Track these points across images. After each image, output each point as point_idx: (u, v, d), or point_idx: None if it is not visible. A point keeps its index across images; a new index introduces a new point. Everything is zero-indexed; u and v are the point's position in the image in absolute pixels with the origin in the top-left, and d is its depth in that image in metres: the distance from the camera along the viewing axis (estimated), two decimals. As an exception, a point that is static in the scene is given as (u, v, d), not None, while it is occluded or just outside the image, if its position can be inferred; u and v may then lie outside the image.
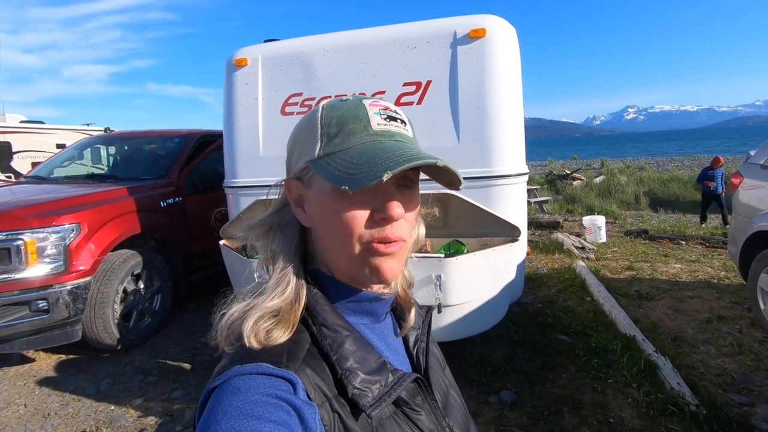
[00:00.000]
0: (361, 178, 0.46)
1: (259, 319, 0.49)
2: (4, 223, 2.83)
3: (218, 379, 0.45)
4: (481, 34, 2.35)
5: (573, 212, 9.98)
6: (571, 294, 4.22)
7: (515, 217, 2.57)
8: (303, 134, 0.54)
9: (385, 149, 0.49)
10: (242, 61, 2.70)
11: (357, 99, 0.54)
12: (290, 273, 0.53)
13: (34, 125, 10.07)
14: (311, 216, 0.54)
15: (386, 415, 0.51)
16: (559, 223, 7.90)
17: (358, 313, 0.56)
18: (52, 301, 2.89)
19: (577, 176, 15.76)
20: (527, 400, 2.56)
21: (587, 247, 5.79)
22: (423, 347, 0.64)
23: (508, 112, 2.45)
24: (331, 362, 0.49)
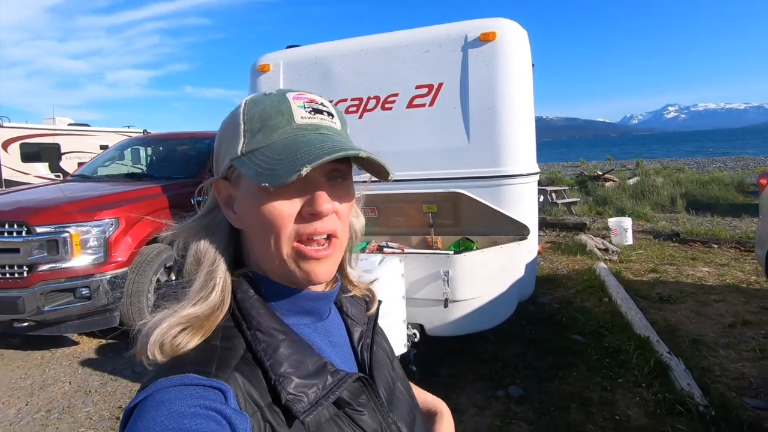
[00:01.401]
0: (282, 174, 0.44)
1: (170, 328, 0.46)
2: (53, 217, 3.13)
3: (141, 394, 0.42)
4: (491, 37, 2.42)
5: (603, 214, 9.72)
6: (589, 295, 4.19)
7: (525, 216, 2.62)
8: (227, 132, 0.52)
9: (306, 143, 0.47)
10: (265, 67, 2.88)
11: (280, 92, 0.52)
12: (216, 277, 0.50)
13: (80, 128, 10.77)
14: (241, 216, 0.52)
15: (325, 418, 0.49)
16: (586, 224, 7.74)
17: (297, 314, 0.54)
18: (94, 289, 3.17)
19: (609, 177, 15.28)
20: (535, 395, 2.61)
21: (611, 249, 5.67)
22: (367, 343, 0.61)
23: (518, 112, 2.51)
24: (264, 368, 0.47)
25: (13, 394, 2.91)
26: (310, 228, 0.49)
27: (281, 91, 0.52)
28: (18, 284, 3.07)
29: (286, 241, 0.49)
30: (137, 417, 0.39)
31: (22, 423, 2.59)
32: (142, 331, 0.47)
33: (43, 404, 2.78)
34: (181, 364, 0.44)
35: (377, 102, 2.67)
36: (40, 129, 10.00)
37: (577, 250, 5.78)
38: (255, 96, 0.52)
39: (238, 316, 0.50)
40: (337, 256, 0.53)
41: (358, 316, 0.63)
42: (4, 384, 3.03)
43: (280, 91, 0.53)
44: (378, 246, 2.77)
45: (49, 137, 9.94)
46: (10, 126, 9.39)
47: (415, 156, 2.64)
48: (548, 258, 5.68)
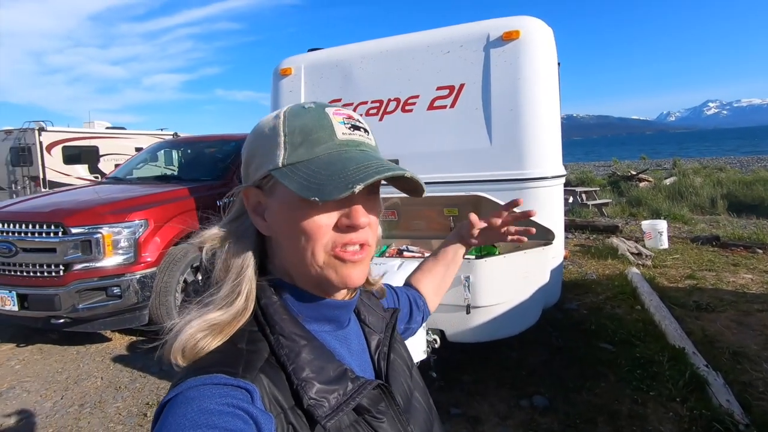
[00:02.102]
0: (332, 190, 0.46)
1: (194, 335, 0.48)
2: (87, 218, 3.26)
3: (172, 392, 0.43)
4: (515, 36, 2.35)
5: (636, 216, 9.33)
6: (620, 302, 4.02)
7: (550, 220, 2.53)
8: (263, 141, 0.53)
9: (352, 159, 0.49)
10: (287, 70, 2.90)
11: (320, 107, 0.54)
12: (242, 284, 0.51)
13: (116, 131, 11.27)
14: (272, 224, 0.53)
15: (346, 424, 0.50)
16: (618, 227, 7.45)
17: (319, 321, 0.56)
18: (124, 288, 3.28)
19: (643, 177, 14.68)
20: (560, 406, 2.52)
21: (644, 253, 5.43)
22: (385, 351, 0.63)
23: (543, 113, 2.42)
24: (287, 372, 0.48)
25: (50, 387, 3.05)
26: (346, 238, 0.51)
27: (320, 105, 0.54)
28: (55, 282, 3.22)
29: (322, 249, 0.50)
30: (168, 413, 0.41)
31: (56, 416, 2.71)
32: (170, 334, 0.50)
33: (77, 398, 2.90)
34: (209, 365, 0.46)
35: (398, 104, 2.64)
36: (80, 132, 10.52)
37: (608, 254, 5.56)
38: (294, 108, 0.53)
39: (262, 321, 0.51)
40: (368, 262, 0.55)
41: (376, 324, 0.65)
42: (42, 377, 3.19)
43: (319, 105, 0.54)
44: (398, 250, 2.74)
45: (88, 140, 10.44)
46: (53, 130, 9.91)
47: (436, 158, 2.60)
48: (577, 262, 5.50)
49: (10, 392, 2.99)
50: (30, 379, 3.17)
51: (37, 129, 9.58)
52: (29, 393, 2.98)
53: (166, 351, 0.49)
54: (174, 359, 0.48)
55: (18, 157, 9.70)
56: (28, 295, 3.26)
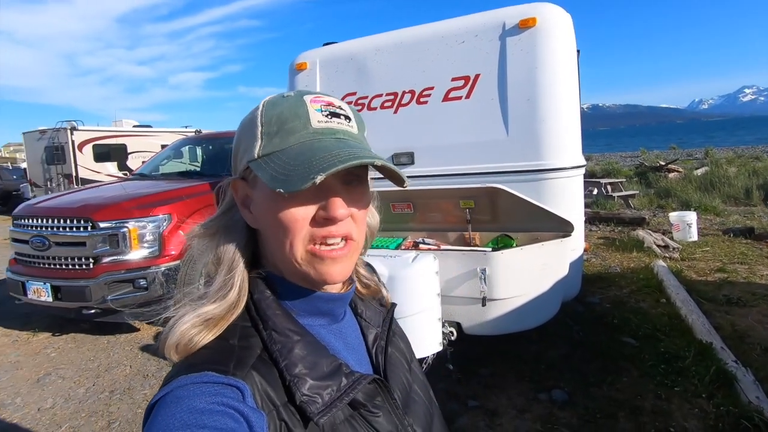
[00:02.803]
0: (295, 181, 0.44)
1: (188, 330, 0.47)
2: (114, 213, 3.39)
3: (162, 391, 0.43)
4: (531, 23, 2.29)
5: (665, 208, 9.01)
6: (645, 295, 3.90)
7: (569, 211, 2.47)
8: (245, 133, 0.52)
9: (322, 149, 0.47)
10: (302, 65, 2.92)
11: (299, 94, 0.52)
12: (234, 277, 0.51)
13: (143, 129, 11.62)
14: (257, 217, 0.52)
15: (341, 419, 0.49)
16: (645, 219, 7.22)
17: (313, 315, 0.55)
18: (150, 280, 3.40)
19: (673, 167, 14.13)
20: (580, 400, 2.48)
21: (671, 245, 5.24)
22: (382, 345, 0.62)
23: (561, 102, 2.37)
24: (279, 368, 0.47)
25: (83, 374, 3.20)
26: (324, 232, 0.49)
27: (299, 93, 0.52)
28: (85, 275, 3.37)
29: (301, 243, 0.49)
30: (158, 412, 0.40)
31: (89, 401, 2.85)
32: (165, 328, 0.49)
33: (108, 385, 3.04)
34: (200, 363, 0.45)
35: (412, 96, 2.63)
36: (109, 131, 10.90)
37: (633, 246, 5.40)
38: (273, 98, 0.52)
39: (254, 316, 0.50)
40: (353, 258, 0.53)
41: (373, 318, 0.64)
42: (75, 365, 3.35)
43: (298, 92, 0.52)
44: (414, 242, 2.74)
45: (117, 138, 10.81)
46: (84, 129, 10.31)
47: (452, 150, 2.57)
48: (600, 255, 5.37)
49: (46, 378, 3.16)
50: (65, 366, 3.33)
51: (69, 128, 9.99)
52: (64, 379, 3.14)
53: (161, 346, 0.48)
54: (168, 354, 0.47)
55: (52, 156, 10.14)
56: (61, 286, 3.43)
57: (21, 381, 3.14)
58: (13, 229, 3.75)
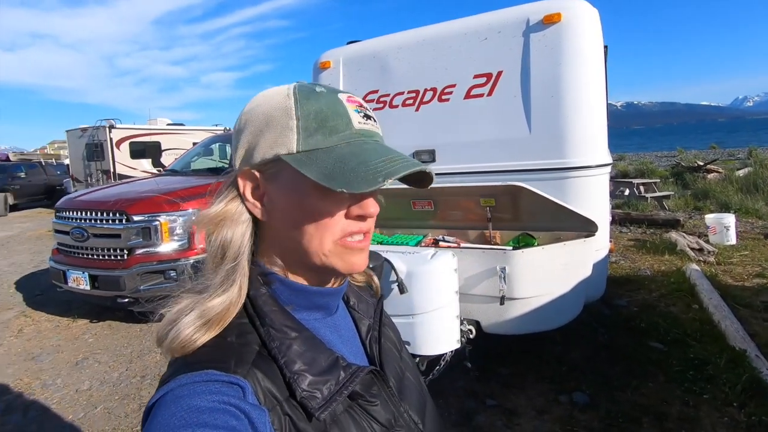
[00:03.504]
0: (360, 182, 0.45)
1: (187, 326, 0.46)
2: (147, 207, 3.55)
3: (161, 391, 0.42)
4: (556, 19, 2.25)
5: (702, 210, 8.62)
6: (675, 299, 3.76)
7: (593, 211, 2.42)
8: (269, 123, 0.50)
9: (374, 152, 0.49)
10: (326, 64, 2.97)
11: (331, 91, 0.52)
12: (237, 270, 0.50)
13: (176, 127, 12.05)
14: (272, 210, 0.52)
15: (340, 411, 0.50)
16: (680, 221, 6.93)
17: (308, 309, 0.55)
18: (179, 272, 3.55)
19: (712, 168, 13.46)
20: (602, 404, 2.43)
21: (707, 249, 5.02)
22: (375, 335, 0.63)
23: (586, 100, 2.31)
24: (279, 365, 0.48)
25: (117, 359, 3.38)
26: (356, 228, 0.51)
27: (332, 90, 0.52)
28: (120, 265, 3.55)
29: (330, 237, 0.50)
30: (158, 412, 0.40)
31: (122, 385, 3.00)
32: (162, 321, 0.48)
33: (139, 370, 3.19)
34: (199, 361, 0.45)
35: (434, 94, 2.62)
36: (145, 129, 11.36)
37: (665, 249, 5.20)
38: (304, 88, 0.51)
39: (251, 313, 0.50)
40: (368, 249, 0.55)
41: (365, 309, 0.65)
42: (110, 350, 3.53)
43: (331, 89, 0.52)
44: (434, 240, 2.74)
45: (152, 136, 11.25)
46: (121, 127, 10.78)
47: (473, 148, 2.56)
48: (629, 257, 5.20)
49: (84, 362, 3.35)
50: (101, 351, 3.52)
51: (108, 126, 10.47)
52: (100, 364, 3.32)
53: (157, 342, 0.48)
54: (166, 351, 0.47)
55: (92, 153, 10.67)
56: (98, 276, 3.62)
57: (61, 363, 3.35)
58: (56, 221, 3.99)
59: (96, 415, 2.66)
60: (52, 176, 14.77)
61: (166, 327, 0.47)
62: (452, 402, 2.55)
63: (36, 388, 3.01)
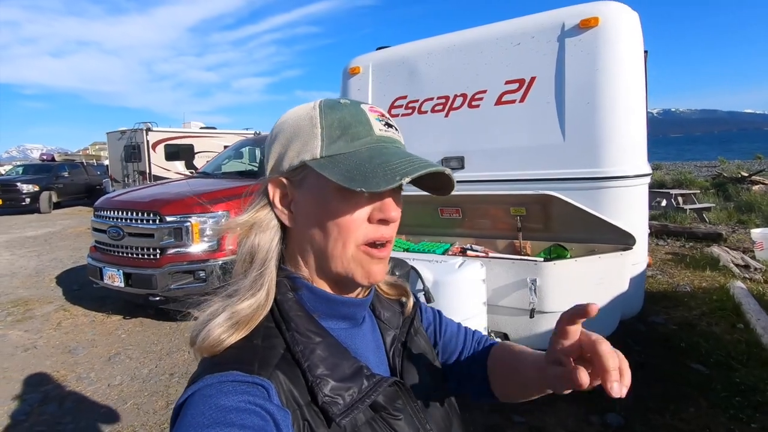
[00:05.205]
0: (378, 181, 0.46)
1: (217, 326, 0.48)
2: (179, 208, 3.65)
3: (190, 389, 0.44)
4: (593, 23, 2.17)
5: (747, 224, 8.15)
6: (718, 318, 3.55)
7: (630, 223, 2.31)
8: (298, 132, 0.52)
9: (394, 155, 0.50)
10: (355, 69, 2.98)
11: (354, 103, 0.54)
12: (265, 275, 0.52)
13: (208, 131, 12.44)
14: (299, 216, 0.53)
15: (362, 421, 0.50)
16: (722, 235, 6.57)
17: (334, 318, 0.55)
18: (208, 273, 3.62)
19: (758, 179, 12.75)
20: (637, 427, 2.30)
21: (753, 265, 4.72)
22: (399, 348, 0.62)
23: (624, 106, 2.21)
24: (302, 369, 0.48)
25: (147, 356, 3.47)
26: (377, 233, 0.52)
27: (355, 102, 0.54)
28: (152, 264, 3.65)
29: (353, 243, 0.51)
30: (186, 411, 0.42)
31: (151, 381, 3.07)
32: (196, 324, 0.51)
33: (168, 368, 3.27)
34: (225, 362, 0.46)
35: (464, 100, 2.58)
36: (179, 132, 11.78)
37: (707, 264, 4.93)
38: (329, 102, 0.54)
39: (277, 317, 0.52)
40: (388, 261, 0.55)
41: (392, 320, 0.64)
42: (141, 347, 3.63)
43: (353, 101, 0.54)
44: (461, 248, 2.69)
45: (185, 139, 11.65)
46: (157, 130, 11.22)
47: (504, 155, 2.49)
48: (667, 272, 4.95)
49: (116, 357, 3.46)
50: (132, 347, 3.63)
51: (145, 129, 10.91)
52: (131, 359, 3.42)
53: (190, 342, 0.50)
54: (196, 352, 0.49)
55: (130, 154, 11.14)
56: (132, 273, 3.74)
57: (95, 357, 3.47)
58: (94, 219, 4.15)
59: (126, 410, 2.73)
60: (92, 176, 15.51)
61: (198, 328, 0.50)
62: (477, 417, 2.47)
63: (71, 380, 3.13)
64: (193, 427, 0.39)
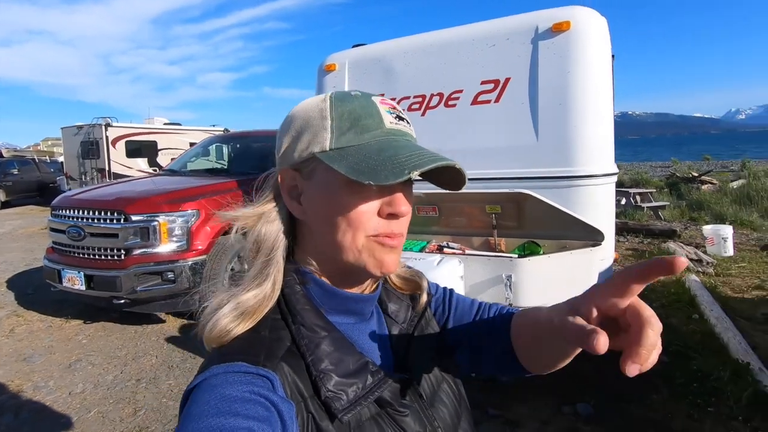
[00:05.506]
0: (387, 174, 0.45)
1: (223, 317, 0.48)
2: (146, 207, 3.50)
3: (197, 379, 0.45)
4: (565, 27, 2.25)
5: (698, 221, 8.68)
6: (675, 311, 3.76)
7: (599, 220, 2.41)
8: (307, 124, 0.52)
9: (404, 147, 0.49)
10: (331, 66, 2.95)
11: (366, 95, 0.53)
12: (270, 266, 0.52)
13: (173, 127, 11.98)
14: (308, 208, 0.53)
15: (367, 417, 0.49)
16: (676, 231, 6.97)
17: (341, 313, 0.55)
18: (177, 273, 3.49)
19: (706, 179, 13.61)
20: (606, 415, 2.40)
21: (705, 260, 5.04)
22: (406, 343, 0.61)
23: (594, 108, 2.31)
24: (306, 363, 0.48)
25: (111, 362, 3.31)
26: (388, 228, 0.51)
27: (366, 94, 0.54)
28: (116, 265, 3.48)
29: (362, 235, 0.50)
30: (193, 400, 0.42)
31: (117, 388, 2.93)
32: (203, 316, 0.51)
33: (134, 373, 3.13)
34: (232, 353, 0.47)
35: (440, 99, 2.61)
36: (141, 128, 11.29)
37: (664, 259, 5.21)
38: (340, 94, 0.53)
39: (284, 310, 0.52)
40: (401, 252, 0.54)
41: (399, 314, 0.63)
42: (104, 352, 3.46)
43: (365, 93, 0.54)
44: (438, 246, 2.72)
45: (148, 135, 11.18)
46: (117, 126, 10.70)
47: (479, 154, 2.54)
48: (616, 263, 5.20)
49: (77, 364, 3.28)
50: (94, 353, 3.45)
51: (104, 125, 10.39)
52: (93, 366, 3.25)
53: (199, 332, 0.50)
54: (204, 341, 0.49)
55: (87, 151, 10.57)
56: (94, 276, 3.55)
57: (54, 365, 3.27)
58: (52, 219, 3.92)
59: (90, 420, 2.59)
60: (45, 174, 14.63)
61: (206, 319, 0.50)
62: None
63: (28, 390, 2.94)
64: (198, 416, 0.40)
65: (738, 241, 6.06)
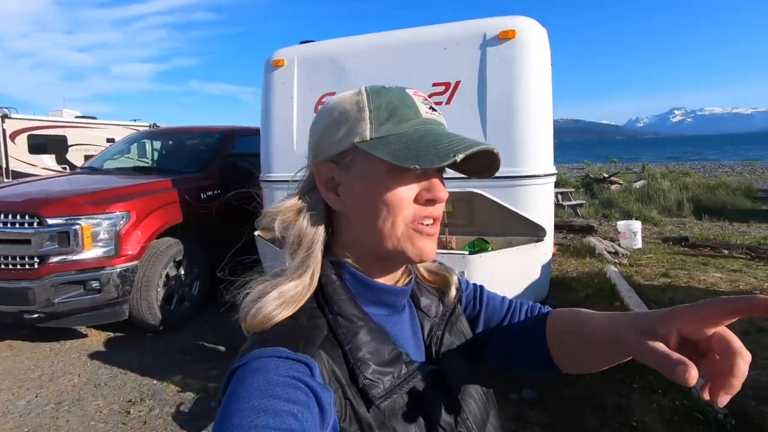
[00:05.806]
0: (432, 158, 0.47)
1: (267, 303, 0.50)
2: (65, 209, 3.11)
3: (240, 361, 0.46)
4: (511, 35, 2.38)
5: (609, 217, 9.68)
6: (600, 299, 4.15)
7: (541, 217, 2.58)
8: (344, 117, 0.53)
9: (443, 135, 0.51)
10: (279, 62, 2.85)
11: (399, 88, 0.56)
12: (311, 258, 0.53)
13: (86, 120, 10.79)
14: (347, 199, 0.54)
15: (399, 406, 0.51)
16: (593, 227, 7.70)
17: (375, 304, 0.56)
18: (104, 282, 3.15)
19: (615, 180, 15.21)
20: (549, 399, 2.58)
21: (620, 252, 5.63)
22: (438, 336, 0.62)
23: (537, 112, 2.47)
24: (344, 351, 0.50)
25: (23, 385, 2.90)
26: (426, 212, 0.52)
27: (399, 87, 0.56)
28: (29, 275, 3.06)
29: (402, 221, 0.51)
30: (237, 381, 0.44)
31: (32, 415, 2.58)
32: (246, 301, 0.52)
33: (53, 396, 2.77)
34: (273, 339, 0.48)
35: (394, 99, 2.64)
36: (48, 121, 10.03)
37: (587, 252, 5.73)
38: (374, 87, 0.55)
39: (321, 300, 0.53)
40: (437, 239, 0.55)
41: (431, 308, 0.64)
42: (13, 375, 3.03)
43: (398, 87, 0.56)
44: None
45: (57, 129, 9.96)
46: (17, 117, 9.40)
47: (432, 154, 2.61)
48: (557, 260, 5.64)
49: (-22, 391, 2.83)
50: (0, 376, 3.00)
51: (0, 116, 9.08)
52: (0, 391, 2.83)
53: (241, 317, 0.52)
54: (245, 327, 0.51)
55: (-21, 145, 9.15)
56: None
57: (-53, 395, 2.80)
58: (-60, 224, 3.33)
59: (-1, 454, 2.26)
60: None
61: (248, 305, 0.51)
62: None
63: None
64: (243, 397, 0.41)
65: (644, 235, 6.85)
